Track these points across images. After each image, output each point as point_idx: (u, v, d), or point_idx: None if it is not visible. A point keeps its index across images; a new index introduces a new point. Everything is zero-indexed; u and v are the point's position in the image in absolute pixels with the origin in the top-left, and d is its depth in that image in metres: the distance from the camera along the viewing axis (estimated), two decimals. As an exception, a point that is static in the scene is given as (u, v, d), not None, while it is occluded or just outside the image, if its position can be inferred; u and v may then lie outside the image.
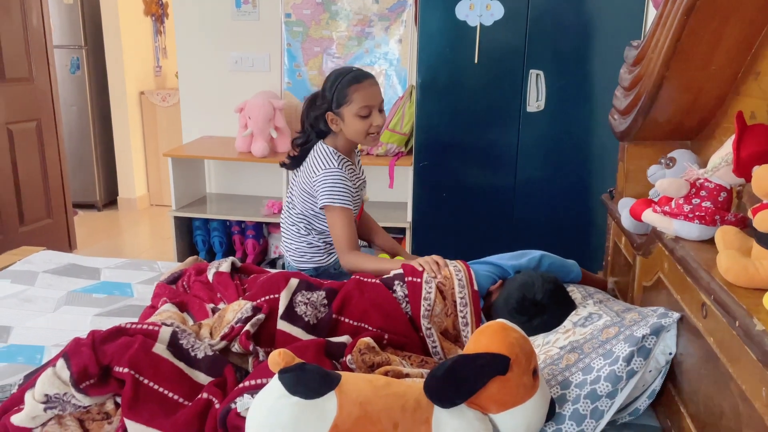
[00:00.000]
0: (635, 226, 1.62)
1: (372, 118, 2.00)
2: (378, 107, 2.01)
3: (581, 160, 2.94)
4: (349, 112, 1.98)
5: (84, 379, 1.29)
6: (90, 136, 4.81)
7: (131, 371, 1.31)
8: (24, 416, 1.26)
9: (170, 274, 1.95)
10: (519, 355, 1.17)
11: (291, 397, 1.11)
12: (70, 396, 1.28)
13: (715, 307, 1.10)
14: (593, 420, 1.26)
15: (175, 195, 3.35)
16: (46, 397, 1.27)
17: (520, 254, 1.83)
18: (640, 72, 1.62)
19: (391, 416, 1.13)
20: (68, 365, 1.30)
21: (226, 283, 1.79)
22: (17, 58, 3.56)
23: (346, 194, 2.00)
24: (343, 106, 1.98)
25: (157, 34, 5.06)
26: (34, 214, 3.75)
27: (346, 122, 2.00)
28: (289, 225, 2.17)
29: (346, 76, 1.99)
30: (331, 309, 1.62)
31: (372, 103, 1.99)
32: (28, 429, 1.26)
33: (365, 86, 1.98)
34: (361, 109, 1.97)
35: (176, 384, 1.35)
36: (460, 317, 1.65)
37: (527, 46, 2.83)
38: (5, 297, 1.94)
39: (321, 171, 2.01)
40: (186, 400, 1.33)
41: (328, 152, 2.04)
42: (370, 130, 2.01)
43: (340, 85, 1.98)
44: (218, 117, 3.63)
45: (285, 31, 3.48)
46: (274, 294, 1.62)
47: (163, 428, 1.26)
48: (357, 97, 1.96)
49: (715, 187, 1.32)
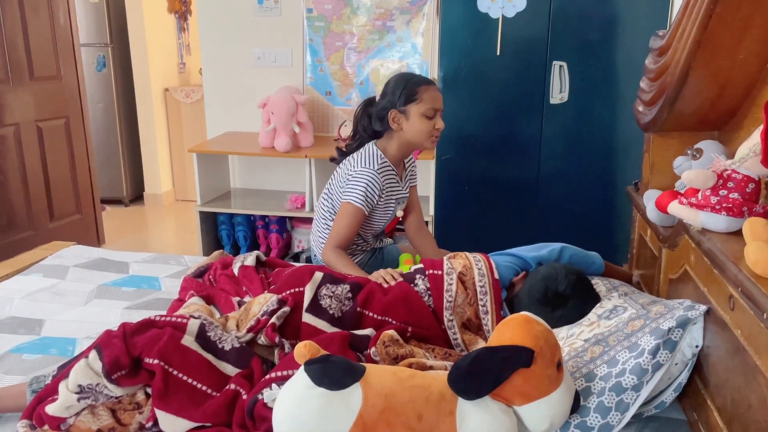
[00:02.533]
0: (661, 219, 1.60)
1: (436, 120, 2.03)
2: (440, 112, 2.05)
3: (605, 152, 2.91)
4: (416, 111, 2.00)
5: (115, 370, 1.32)
6: (116, 133, 4.89)
7: (161, 362, 1.34)
8: (58, 406, 1.30)
9: (197, 267, 1.98)
10: (543, 348, 1.17)
11: (317, 388, 1.13)
12: (103, 386, 1.32)
13: (743, 300, 1.09)
14: (618, 413, 1.26)
15: (200, 190, 3.39)
16: (79, 388, 1.31)
17: (540, 246, 1.84)
18: (665, 62, 1.60)
19: (416, 408, 1.14)
20: (100, 357, 1.34)
21: (252, 277, 1.82)
22: (45, 57, 3.63)
23: (371, 199, 2.02)
24: (412, 103, 2.00)
25: (180, 31, 5.11)
26: (64, 210, 3.83)
27: (411, 120, 2.01)
28: (321, 217, 2.19)
29: (415, 78, 2.05)
30: (355, 302, 1.63)
31: (438, 107, 2.03)
32: (62, 418, 1.29)
33: (433, 89, 2.03)
34: (428, 110, 2.00)
35: (204, 375, 1.38)
36: (480, 305, 1.67)
37: (550, 37, 2.80)
38: (37, 291, 2.00)
39: (359, 167, 2.03)
40: (214, 391, 1.36)
41: (375, 154, 2.06)
42: (433, 132, 2.03)
43: (410, 84, 2.01)
44: (241, 112, 3.66)
45: (307, 26, 3.49)
46: (299, 287, 1.64)
47: (192, 418, 1.30)
48: (426, 97, 2.00)
49: (743, 179, 1.30)
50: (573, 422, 1.26)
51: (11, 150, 3.46)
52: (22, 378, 1.50)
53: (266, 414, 1.26)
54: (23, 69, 3.50)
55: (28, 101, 3.54)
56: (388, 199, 2.10)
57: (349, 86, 3.53)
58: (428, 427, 1.14)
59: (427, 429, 1.13)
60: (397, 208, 2.18)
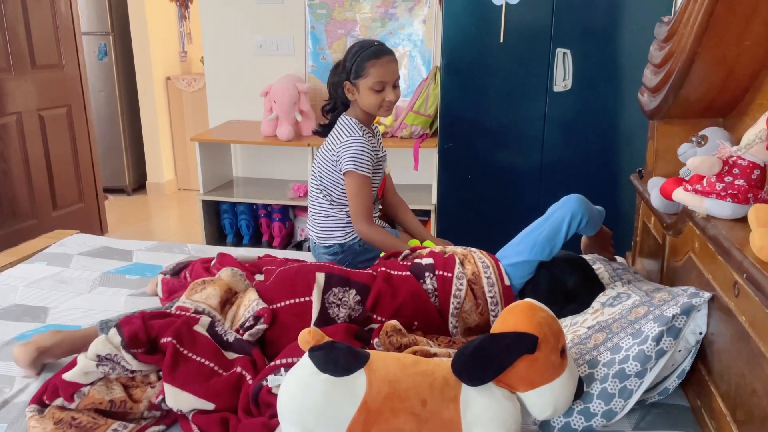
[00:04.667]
0: (665, 206, 1.60)
1: (385, 93, 2.06)
2: (393, 83, 2.07)
3: (608, 139, 2.90)
4: (364, 85, 2.05)
5: (134, 345, 1.38)
6: (118, 122, 4.89)
7: (173, 341, 1.39)
8: (77, 371, 1.34)
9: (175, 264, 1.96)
10: (547, 334, 1.17)
11: (321, 374, 1.13)
12: (120, 358, 1.37)
13: (748, 286, 1.09)
14: (622, 399, 1.26)
15: (202, 179, 3.39)
16: (98, 358, 1.36)
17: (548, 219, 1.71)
18: (671, 48, 1.59)
19: (420, 394, 1.15)
20: (120, 332, 1.40)
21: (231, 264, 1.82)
22: (47, 46, 3.62)
23: (368, 163, 2.07)
24: (360, 78, 2.05)
25: (182, 19, 5.09)
26: (67, 199, 3.83)
27: (361, 94, 2.07)
28: (313, 200, 2.22)
29: (367, 50, 2.05)
30: (365, 308, 1.60)
31: (386, 80, 2.05)
32: (76, 387, 1.32)
33: (383, 62, 2.04)
34: (375, 84, 2.04)
35: (212, 356, 1.41)
36: (491, 316, 1.64)
37: (554, 24, 2.78)
38: (42, 279, 2.00)
39: (345, 138, 2.08)
40: (221, 369, 1.40)
41: (351, 123, 2.11)
42: (382, 104, 2.08)
43: (359, 58, 2.04)
44: (244, 101, 3.66)
45: (309, 13, 3.47)
46: (301, 297, 1.58)
47: (196, 393, 1.32)
48: (373, 72, 2.03)
49: (749, 165, 1.29)
50: (576, 408, 1.27)
51: (14, 139, 3.46)
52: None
53: (271, 400, 1.26)
54: (25, 58, 3.49)
55: (29, 90, 3.53)
56: (377, 161, 2.16)
57: (352, 74, 3.52)
58: (432, 412, 1.14)
59: (431, 415, 1.14)
60: (384, 167, 2.26)
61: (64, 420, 1.27)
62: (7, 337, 1.65)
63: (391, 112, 2.13)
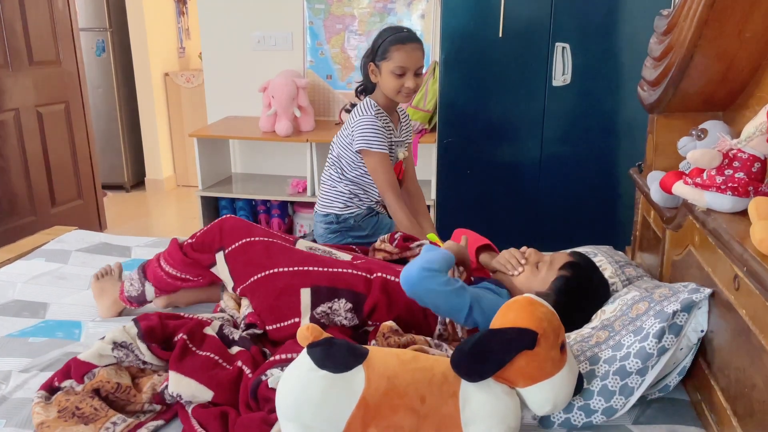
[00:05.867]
0: (665, 200, 1.60)
1: (405, 79, 2.10)
2: (414, 71, 2.11)
3: (608, 134, 2.89)
4: (386, 68, 2.11)
5: (149, 338, 1.43)
6: (117, 119, 4.87)
7: (185, 337, 1.44)
8: (92, 352, 1.39)
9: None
10: (547, 330, 1.17)
11: (319, 370, 1.13)
12: (135, 347, 1.42)
13: (748, 279, 1.09)
14: (622, 397, 1.26)
15: (201, 175, 3.38)
16: (113, 344, 1.40)
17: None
18: (670, 42, 1.58)
19: (419, 390, 1.14)
20: (137, 325, 1.45)
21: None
22: (44, 42, 3.61)
23: (381, 139, 2.13)
24: (383, 60, 2.11)
25: (180, 15, 5.07)
26: (65, 195, 3.82)
27: (382, 76, 2.13)
28: (326, 170, 2.32)
29: (395, 34, 2.12)
30: (360, 315, 1.58)
31: (408, 66, 2.09)
32: (90, 366, 1.37)
33: (407, 48, 2.09)
34: (396, 68, 2.09)
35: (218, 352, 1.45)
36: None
37: (553, 18, 2.77)
38: (41, 275, 2.00)
39: (357, 118, 2.16)
40: (225, 363, 1.43)
41: (367, 104, 2.18)
42: (402, 90, 2.12)
43: (386, 41, 2.11)
44: (242, 97, 3.64)
45: (307, 8, 3.46)
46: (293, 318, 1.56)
47: (200, 380, 1.35)
48: (396, 56, 2.09)
49: (749, 158, 1.29)
50: (576, 404, 1.27)
51: (11, 135, 3.44)
52: (29, 360, 1.51)
53: (270, 395, 1.27)
54: (22, 54, 3.48)
55: (27, 86, 3.52)
56: (390, 144, 2.20)
57: (350, 70, 3.51)
58: (431, 408, 1.13)
59: (431, 411, 1.13)
60: (399, 152, 2.28)
61: (68, 409, 1.29)
62: (5, 332, 1.64)
63: (409, 99, 2.18)
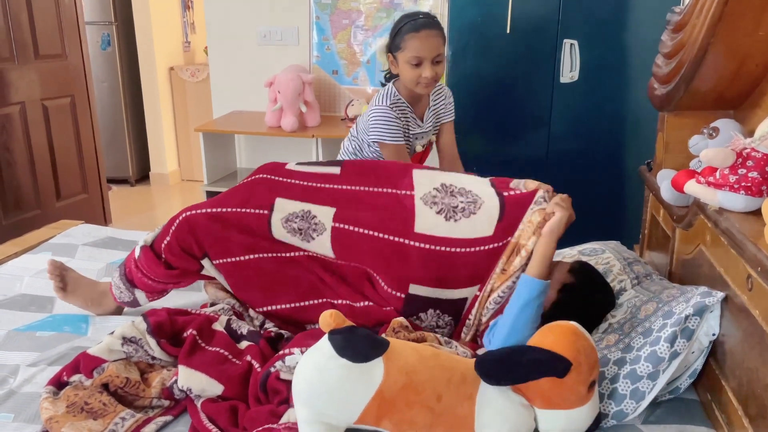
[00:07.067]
0: (675, 198, 1.59)
1: (422, 69, 1.99)
2: (431, 60, 1.99)
3: (615, 131, 2.88)
4: (402, 59, 2.01)
5: (158, 333, 1.43)
6: (122, 113, 4.87)
7: (194, 332, 1.44)
8: (102, 346, 1.40)
9: None
10: (582, 364, 1.14)
11: (339, 358, 1.12)
12: (144, 342, 1.42)
13: (762, 279, 1.08)
14: (633, 401, 1.25)
15: (206, 170, 3.38)
16: (123, 339, 1.41)
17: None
18: (682, 39, 1.57)
19: (436, 388, 1.13)
20: (146, 320, 1.45)
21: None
22: (50, 35, 3.60)
23: (393, 131, 2.04)
24: (399, 51, 2.01)
25: (185, 9, 5.05)
26: (70, 189, 3.83)
27: (400, 67, 2.04)
28: (348, 140, 2.27)
29: (408, 22, 2.00)
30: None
31: (423, 55, 1.97)
32: (100, 360, 1.38)
33: (422, 36, 1.97)
34: (411, 58, 1.98)
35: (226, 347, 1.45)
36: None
37: (561, 14, 2.75)
38: (47, 269, 1.99)
39: (371, 108, 2.09)
40: (234, 358, 1.43)
41: (388, 92, 2.09)
42: (420, 80, 2.01)
43: (400, 30, 2.01)
44: (247, 91, 3.64)
45: (313, 3, 3.45)
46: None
47: (209, 373, 1.35)
48: (410, 45, 1.98)
49: (763, 157, 1.28)
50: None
51: (17, 129, 3.44)
52: (37, 354, 1.51)
53: (279, 387, 1.27)
54: (28, 47, 3.47)
55: (33, 80, 3.52)
56: (405, 134, 2.12)
57: (356, 65, 3.50)
58: (447, 407, 1.13)
59: (446, 410, 1.13)
60: (416, 144, 2.18)
61: (76, 404, 1.29)
62: (13, 326, 1.64)
63: (430, 89, 2.08)
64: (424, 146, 2.24)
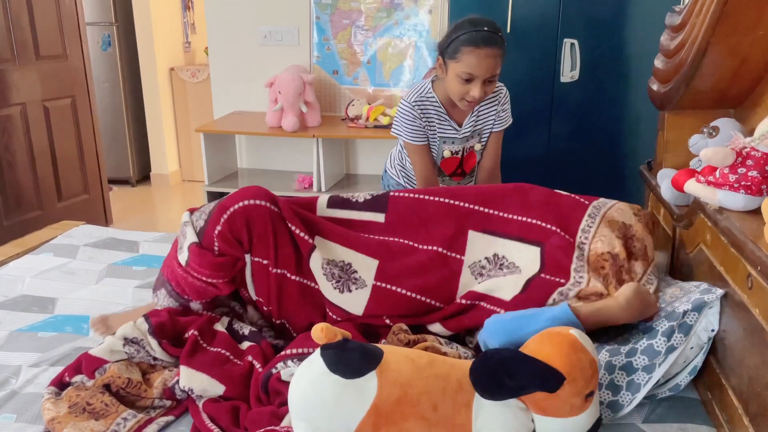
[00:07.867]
0: (676, 198, 1.59)
1: (471, 86, 1.82)
2: (483, 78, 1.82)
3: (616, 131, 2.89)
4: (453, 69, 1.83)
5: (160, 334, 1.43)
6: (122, 113, 4.87)
7: (195, 333, 1.45)
8: (104, 347, 1.41)
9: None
10: (577, 378, 1.11)
11: (332, 375, 1.10)
12: (146, 343, 1.43)
13: (762, 279, 1.08)
14: (629, 393, 1.25)
15: (207, 170, 3.38)
16: (124, 339, 1.42)
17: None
18: (682, 38, 1.57)
19: (432, 399, 1.12)
20: (148, 321, 1.45)
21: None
22: (51, 36, 3.61)
23: (412, 131, 1.95)
24: (452, 60, 1.83)
25: (185, 9, 5.06)
26: (71, 190, 3.83)
27: (448, 76, 1.87)
28: (395, 152, 2.25)
29: (470, 32, 1.80)
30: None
31: (477, 74, 1.80)
32: (102, 361, 1.39)
33: (480, 54, 1.78)
34: (463, 73, 1.81)
35: (228, 347, 1.46)
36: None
37: (561, 14, 2.76)
38: (49, 270, 2.00)
39: (401, 102, 1.99)
40: (236, 359, 1.43)
41: (423, 88, 1.97)
42: (466, 97, 1.86)
43: (459, 38, 1.81)
44: (248, 92, 3.64)
45: (313, 3, 3.45)
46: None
47: (211, 374, 1.36)
48: (465, 60, 1.79)
49: (762, 156, 1.28)
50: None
51: (18, 129, 3.45)
52: (39, 355, 1.52)
53: (280, 388, 1.27)
54: (29, 48, 3.48)
55: (34, 80, 3.53)
56: (431, 136, 1.99)
57: (357, 65, 3.50)
58: (443, 417, 1.12)
59: (442, 419, 1.11)
60: (444, 148, 2.02)
61: (78, 405, 1.29)
62: (15, 327, 1.65)
63: (471, 108, 1.94)
64: (456, 153, 2.05)
